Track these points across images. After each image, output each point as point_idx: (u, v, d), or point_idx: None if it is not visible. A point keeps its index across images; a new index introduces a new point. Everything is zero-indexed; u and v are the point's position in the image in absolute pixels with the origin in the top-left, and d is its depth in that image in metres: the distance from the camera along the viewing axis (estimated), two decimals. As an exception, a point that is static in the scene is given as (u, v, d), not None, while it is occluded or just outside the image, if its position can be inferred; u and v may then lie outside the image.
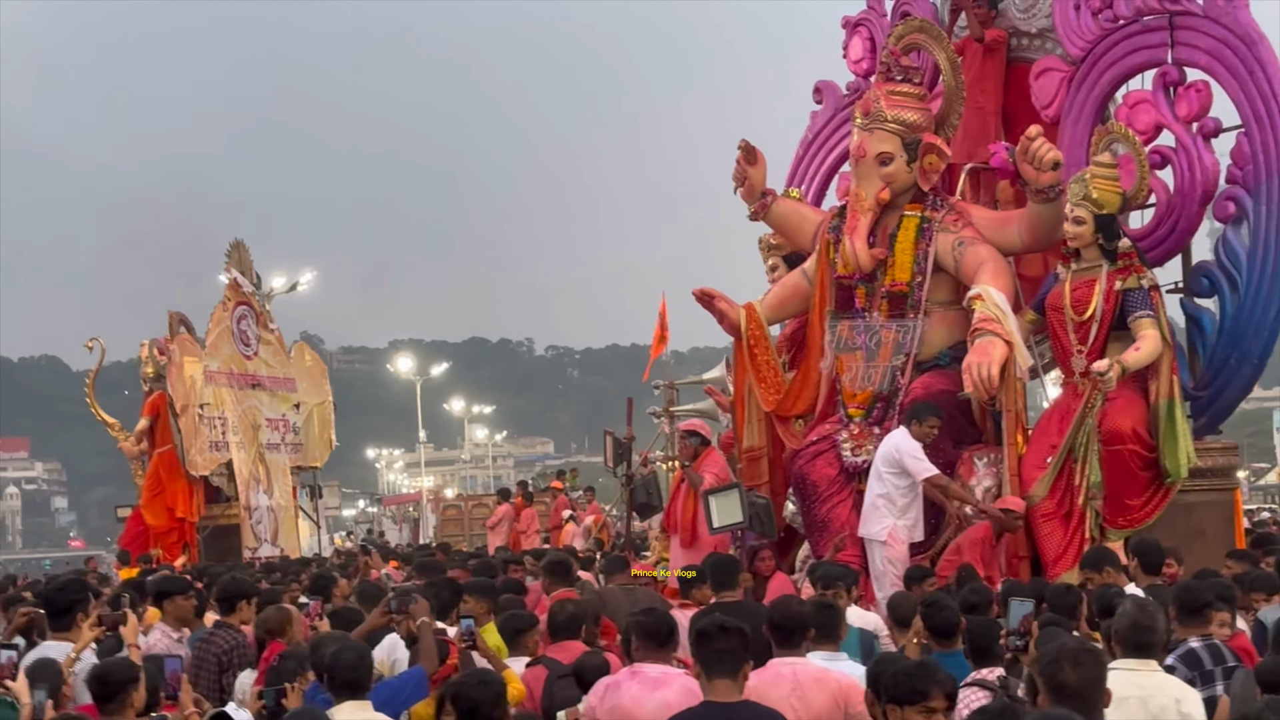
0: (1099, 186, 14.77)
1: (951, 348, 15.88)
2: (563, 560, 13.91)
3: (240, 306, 32.67)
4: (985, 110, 16.75)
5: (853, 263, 15.92)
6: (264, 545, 31.77)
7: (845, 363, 16.16)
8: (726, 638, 7.21)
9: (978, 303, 15.06)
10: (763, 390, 16.84)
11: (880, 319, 16.00)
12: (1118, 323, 14.81)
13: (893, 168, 15.92)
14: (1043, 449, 14.94)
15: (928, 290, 15.86)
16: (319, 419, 34.63)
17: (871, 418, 15.89)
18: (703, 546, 15.83)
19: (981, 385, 14.53)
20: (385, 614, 9.90)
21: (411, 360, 76.63)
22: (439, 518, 41.50)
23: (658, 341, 31.46)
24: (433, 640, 9.40)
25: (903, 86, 16.11)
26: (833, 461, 15.91)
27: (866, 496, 14.93)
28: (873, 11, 18.58)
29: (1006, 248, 15.71)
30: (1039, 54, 16.78)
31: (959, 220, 15.89)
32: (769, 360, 16.95)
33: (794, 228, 17.41)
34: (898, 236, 16.00)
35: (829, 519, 15.74)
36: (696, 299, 17.17)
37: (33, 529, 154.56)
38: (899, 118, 15.91)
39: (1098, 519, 14.71)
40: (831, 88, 19.18)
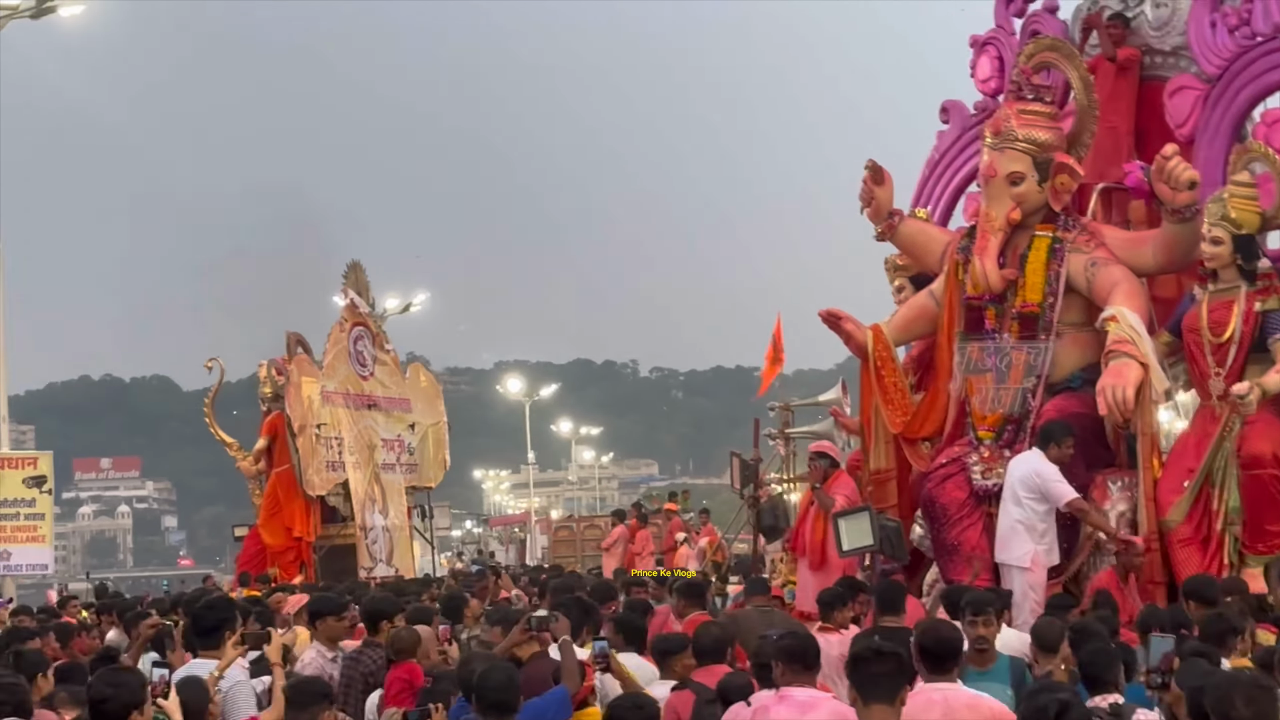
0: (1237, 206, 14.52)
1: (1083, 370, 15.65)
2: (696, 583, 13.84)
3: (357, 327, 32.81)
4: (1118, 129, 16.53)
5: (983, 284, 15.74)
6: (379, 565, 31.85)
7: (975, 385, 15.95)
8: (883, 662, 7.08)
9: (1112, 324, 14.83)
10: (890, 412, 16.66)
11: (1011, 340, 15.79)
12: (1257, 345, 14.53)
13: (1024, 187, 15.72)
14: (1179, 473, 14.68)
15: (1059, 311, 15.64)
16: (433, 439, 34.70)
17: (1002, 440, 15.67)
18: (831, 569, 15.67)
19: (1116, 408, 14.30)
20: (525, 633, 9.83)
21: (521, 381, 76.89)
22: (550, 539, 41.40)
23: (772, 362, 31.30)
24: (575, 660, 9.33)
25: (1034, 105, 15.91)
26: (962, 485, 15.70)
27: (1002, 521, 14.70)
28: (1001, 30, 18.39)
29: (1140, 268, 15.48)
30: (1173, 72, 16.55)
31: (1091, 241, 15.67)
32: (896, 382, 16.78)
33: (921, 248, 17.25)
34: (1029, 257, 15.79)
35: (959, 542, 15.53)
36: (823, 319, 17.03)
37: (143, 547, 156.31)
38: (1030, 137, 15.71)
39: (1236, 544, 14.43)
40: (958, 107, 19.01)
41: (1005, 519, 14.63)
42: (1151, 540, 14.51)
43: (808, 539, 16.00)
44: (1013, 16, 18.33)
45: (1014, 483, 14.65)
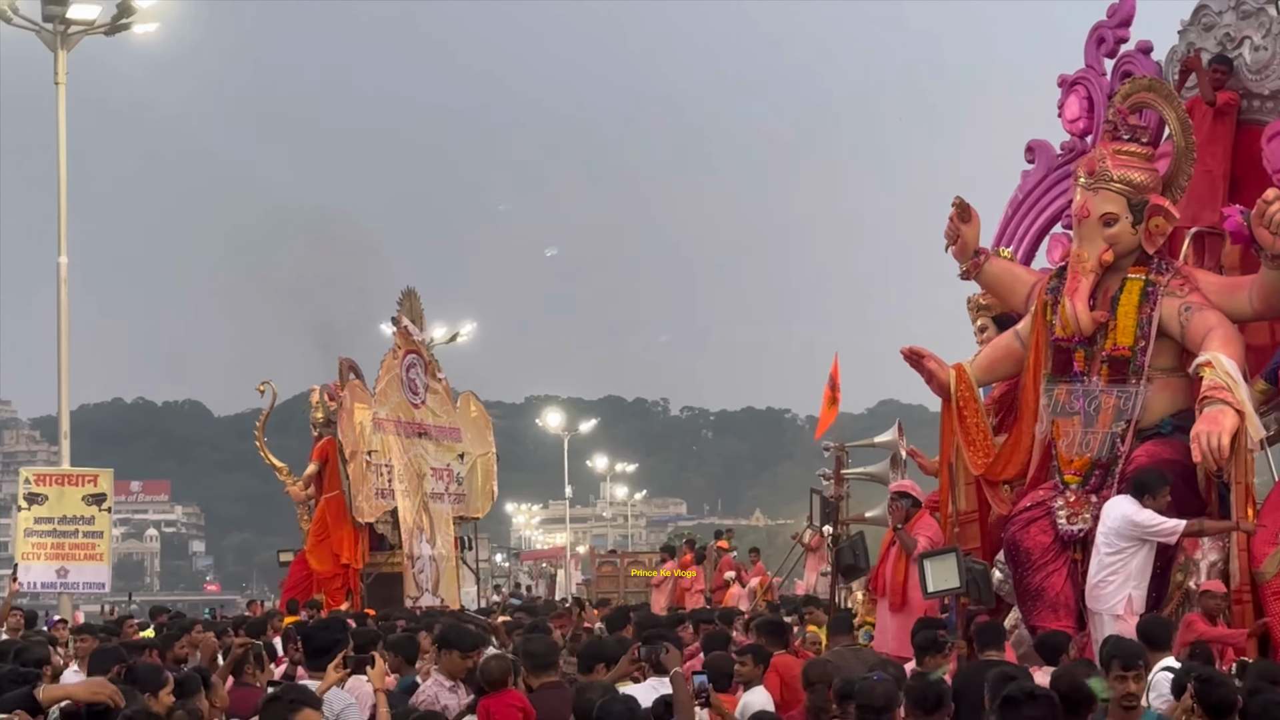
0: (1343, 253, 14.25)
1: (1174, 416, 15.37)
2: (778, 621, 13.58)
3: (410, 354, 32.66)
4: (1213, 174, 16.26)
5: (1073, 325, 15.46)
6: (425, 595, 31.65)
7: (1062, 427, 15.66)
8: (1036, 705, 6.82)
9: (1207, 370, 14.54)
10: (971, 453, 16.38)
11: (1100, 384, 15.50)
12: (1359, 395, 14.28)
13: (1117, 229, 15.46)
14: (1276, 524, 14.38)
15: (1150, 356, 15.35)
16: (482, 470, 34.51)
17: (1089, 485, 15.38)
18: (912, 611, 15.39)
19: (1210, 455, 14.01)
20: (634, 662, 9.58)
21: (560, 416, 76.77)
22: (594, 573, 41.13)
23: (829, 403, 31.05)
24: (688, 693, 9.08)
25: (1130, 146, 15.66)
26: (1047, 529, 15.41)
27: (1095, 568, 14.37)
28: (1091, 70, 18.14)
29: (1235, 314, 15.17)
30: (1271, 116, 16.28)
31: (1185, 285, 15.40)
32: (978, 423, 16.50)
33: (1007, 288, 16.98)
34: (1120, 299, 15.51)
35: (1043, 588, 15.24)
36: (905, 357, 16.77)
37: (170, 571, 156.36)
38: (1125, 178, 15.45)
39: (1338, 598, 14.14)
40: (1044, 147, 18.75)
41: (1099, 566, 14.31)
42: (1244, 592, 14.22)
43: (888, 580, 15.72)
44: (1103, 56, 18.06)
45: (1108, 529, 14.34)
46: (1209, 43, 16.85)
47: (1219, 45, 16.77)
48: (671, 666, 9.30)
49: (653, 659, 9.45)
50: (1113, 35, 17.99)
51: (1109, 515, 14.44)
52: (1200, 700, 9.27)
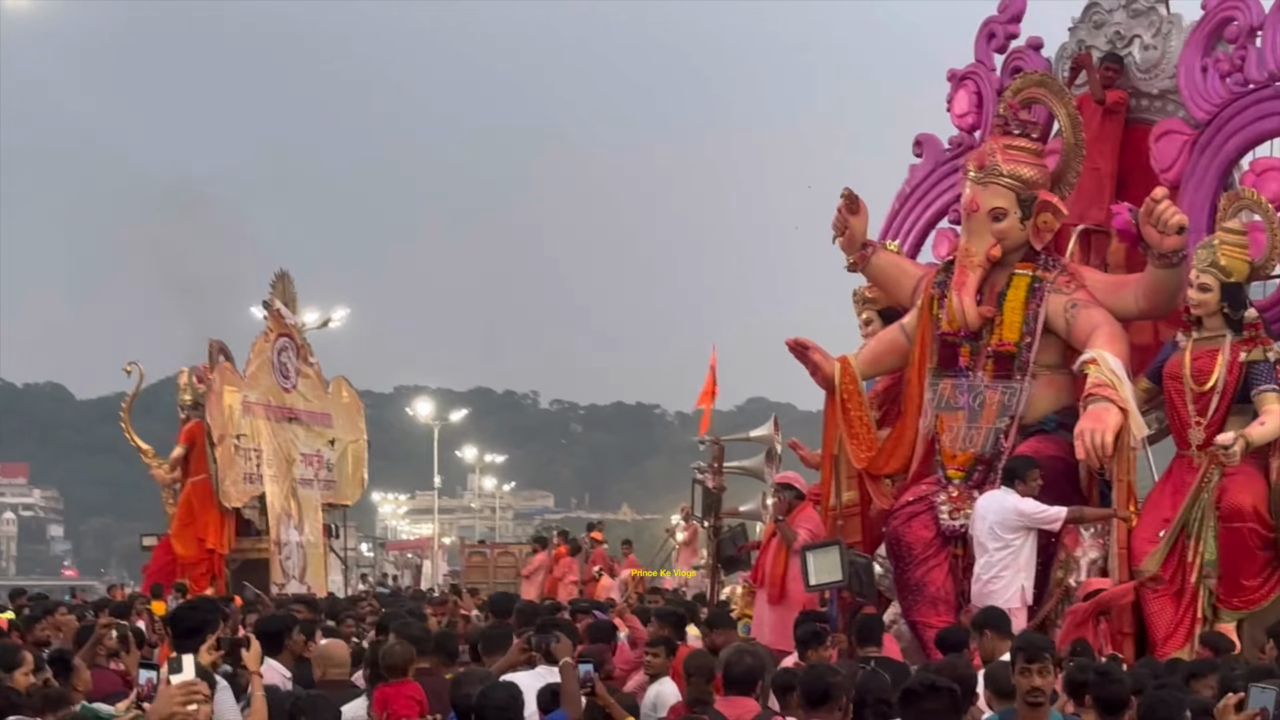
0: (1228, 253, 14.29)
1: (1057, 412, 15.37)
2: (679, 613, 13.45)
3: (282, 338, 32.21)
4: (1101, 172, 16.25)
5: (959, 319, 15.38)
6: (292, 582, 31.23)
7: (946, 422, 15.60)
8: (938, 697, 6.65)
9: (1092, 367, 14.52)
10: (855, 447, 16.27)
11: (985, 379, 15.45)
12: (1239, 395, 14.28)
13: (1006, 224, 15.40)
14: (1155, 523, 14.39)
15: (1035, 352, 15.32)
16: (353, 457, 34.13)
17: (972, 480, 15.33)
18: (791, 604, 15.21)
19: (1094, 452, 13.97)
20: (524, 651, 9.33)
21: (430, 405, 76.28)
22: (464, 564, 40.80)
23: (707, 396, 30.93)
24: (576, 683, 8.84)
25: (1020, 141, 15.62)
26: (929, 524, 15.34)
27: (983, 565, 14.26)
28: (981, 66, 18.08)
29: (1121, 313, 15.17)
30: (1159, 116, 16.31)
31: (1072, 282, 15.38)
32: (862, 416, 16.40)
33: (894, 281, 16.89)
34: (1007, 295, 15.47)
35: (924, 582, 15.17)
36: (790, 349, 16.62)
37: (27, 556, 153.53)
38: (1015, 173, 15.40)
39: (1211, 598, 14.16)
40: (932, 141, 18.68)
41: (989, 562, 14.21)
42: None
43: (768, 572, 15.54)
44: (994, 52, 18.01)
45: (991, 524, 14.26)
46: (1099, 40, 16.84)
47: (1109, 43, 16.77)
48: (562, 656, 9.06)
49: (544, 647, 9.21)
50: (1003, 31, 17.95)
51: (989, 510, 14.36)
52: (1097, 696, 9.17)
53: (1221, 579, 14.08)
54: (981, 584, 14.18)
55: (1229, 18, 15.69)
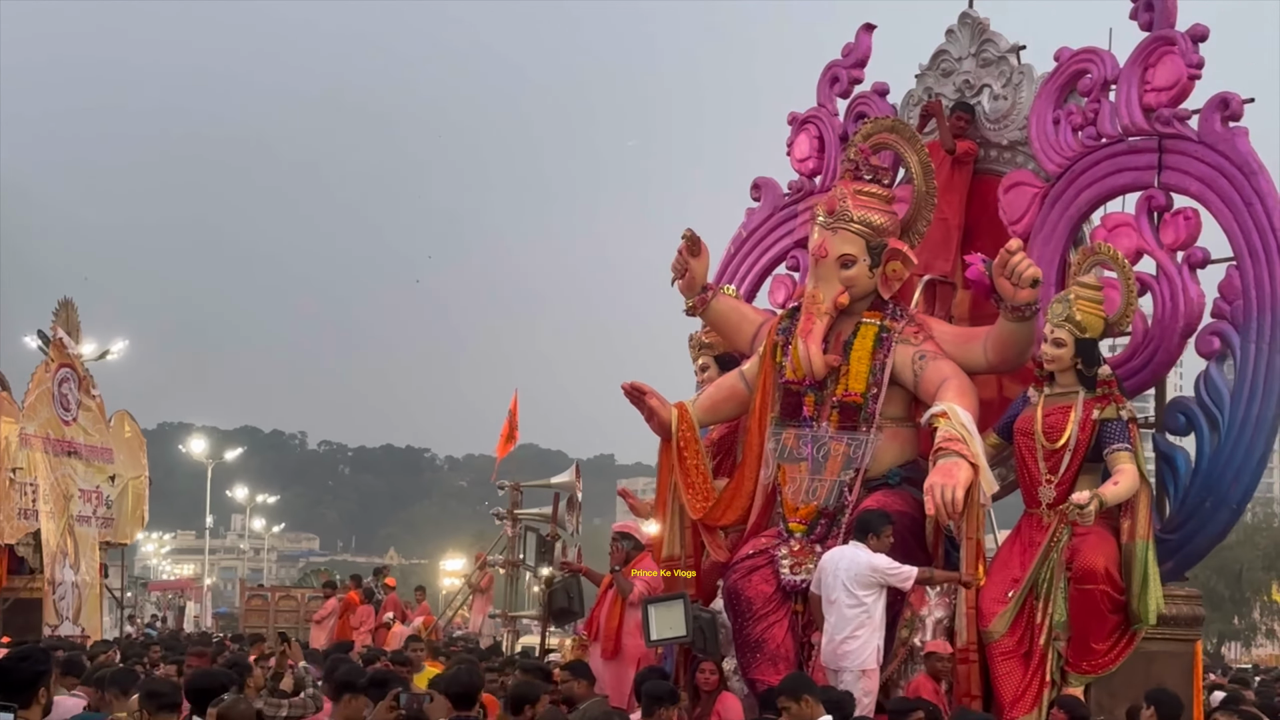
0: (1083, 309, 14.03)
1: (902, 466, 14.95)
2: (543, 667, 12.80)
3: (63, 369, 30.86)
4: (948, 222, 15.93)
5: (805, 367, 14.90)
6: (65, 623, 29.87)
7: (789, 473, 15.08)
8: None
9: (942, 420, 14.10)
10: (690, 497, 15.66)
11: (829, 430, 14.97)
12: (1091, 454, 14.02)
13: (854, 271, 14.97)
14: (1003, 582, 14.04)
15: (882, 403, 14.89)
16: (133, 494, 32.89)
17: (814, 534, 14.82)
18: (626, 659, 14.60)
19: (944, 508, 13.55)
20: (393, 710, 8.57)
21: (204, 443, 74.52)
22: (243, 607, 39.52)
23: (505, 440, 30.26)
24: None
25: (870, 187, 15.20)
26: (769, 578, 14.80)
27: (836, 623, 13.68)
28: (823, 109, 17.72)
29: (970, 366, 14.78)
30: (1008, 167, 16.06)
31: (920, 333, 14.98)
32: (699, 465, 15.80)
33: (733, 327, 16.39)
34: (854, 344, 15.03)
35: (764, 639, 14.61)
36: (626, 394, 15.97)
37: None
38: (865, 219, 14.99)
39: (1060, 661, 13.84)
40: (771, 185, 18.25)
41: (840, 621, 13.66)
42: (970, 652, 13.82)
43: (603, 625, 14.88)
44: (836, 96, 17.67)
45: (844, 580, 13.72)
46: (947, 89, 16.58)
47: (958, 92, 16.51)
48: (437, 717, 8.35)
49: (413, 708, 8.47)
50: (847, 75, 17.62)
51: (840, 564, 13.83)
52: None
53: (1071, 641, 13.78)
54: (835, 644, 13.62)
55: (1082, 70, 15.50)
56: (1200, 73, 14.82)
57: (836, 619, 13.61)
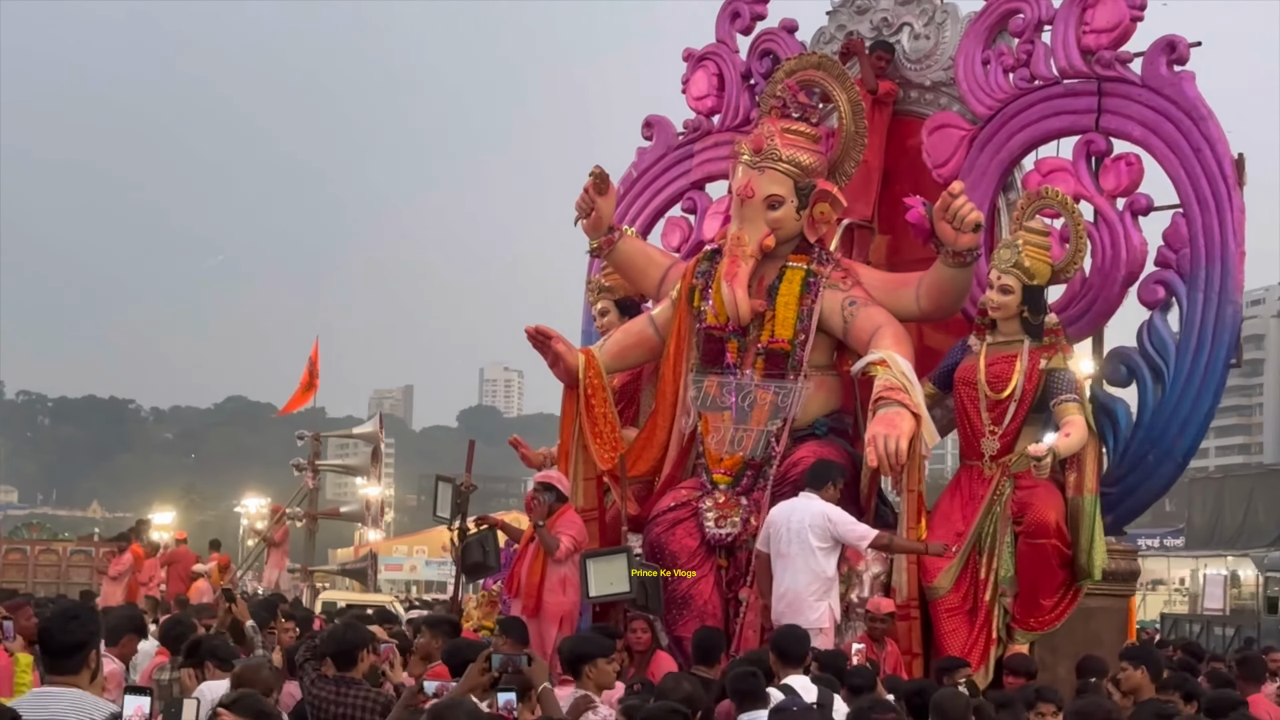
0: (1032, 255, 13.60)
1: (828, 416, 14.40)
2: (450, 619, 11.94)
3: None
4: (869, 165, 15.30)
5: (730, 312, 14.20)
6: None
7: (711, 423, 14.40)
8: None
9: (881, 369, 13.58)
10: (599, 447, 14.88)
11: (755, 378, 14.31)
12: (1036, 405, 13.61)
13: (781, 213, 14.32)
14: (947, 537, 13.58)
15: (809, 351, 14.28)
16: None
17: (739, 486, 14.17)
18: (547, 616, 13.72)
19: (887, 460, 13.01)
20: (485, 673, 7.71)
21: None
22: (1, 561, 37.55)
23: (305, 389, 29.16)
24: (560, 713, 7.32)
25: (798, 125, 14.57)
26: (693, 532, 14.15)
27: (790, 578, 13.00)
28: (723, 46, 16.98)
29: (900, 313, 14.24)
30: (931, 109, 15.56)
31: (847, 278, 14.41)
32: (607, 414, 15.02)
33: (639, 270, 15.64)
34: (780, 289, 14.38)
35: (690, 595, 13.96)
36: (530, 338, 15.12)
37: None
38: (794, 159, 14.35)
39: (1006, 617, 13.43)
40: (664, 123, 17.47)
41: (793, 575, 12.98)
42: (911, 608, 13.33)
43: (524, 581, 14.00)
44: (737, 33, 16.95)
45: (802, 532, 13.02)
46: (863, 27, 16.03)
47: (874, 30, 15.97)
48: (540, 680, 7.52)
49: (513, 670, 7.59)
50: (749, 10, 16.94)
51: (793, 517, 13.15)
52: None
53: (1019, 597, 13.41)
54: (790, 600, 12.95)
55: (1014, 10, 15.06)
56: (1143, 14, 14.50)
57: (791, 575, 12.95)
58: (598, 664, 10.21)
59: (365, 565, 29.06)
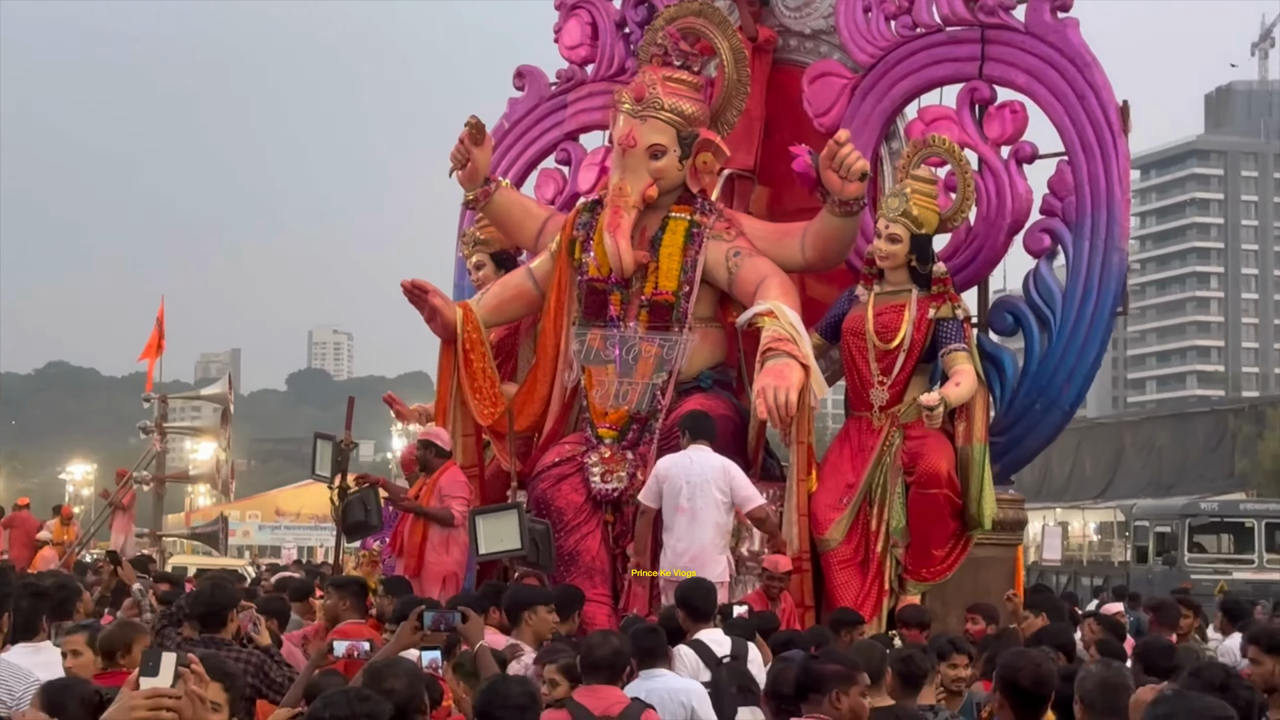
0: (920, 203, 13.51)
1: (713, 369, 14.23)
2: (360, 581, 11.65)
3: None
4: (749, 114, 15.06)
5: (614, 263, 13.93)
6: None
7: (596, 377, 14.16)
8: None
9: (769, 320, 13.42)
10: (478, 402, 14.58)
11: (639, 330, 14.08)
12: (925, 355, 13.53)
13: (664, 162, 14.07)
14: (837, 488, 13.50)
15: (694, 302, 14.08)
16: None
17: (625, 441, 13.95)
18: (429, 576, 13.45)
19: (777, 412, 12.85)
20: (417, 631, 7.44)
21: None
22: None
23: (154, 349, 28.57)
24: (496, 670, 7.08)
25: (680, 73, 14.32)
26: (579, 487, 13.90)
27: (699, 531, 12.76)
28: (597, -8, 16.66)
29: (785, 263, 14.08)
30: (811, 57, 15.37)
31: (731, 229, 14.22)
32: (485, 369, 14.71)
33: (516, 222, 15.31)
34: (663, 240, 14.16)
35: (578, 551, 13.71)
36: (405, 292, 14.73)
37: None
38: (676, 107, 14.11)
39: (898, 568, 13.38)
40: (536, 74, 17.12)
41: (700, 529, 12.75)
42: (803, 560, 13.20)
43: (406, 541, 13.69)
44: (610, -21, 16.65)
45: (706, 485, 12.78)
46: (737, -26, 15.74)
47: (752, -23, 15.70)
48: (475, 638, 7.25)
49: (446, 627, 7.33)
50: (622, -43, 16.61)
51: (694, 470, 12.90)
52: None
53: (911, 548, 13.39)
54: (689, 556, 12.73)
55: (895, -44, 14.89)
56: (1025, -39, 14.38)
57: (698, 528, 12.72)
58: (538, 611, 10.11)
59: (216, 529, 28.52)
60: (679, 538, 12.81)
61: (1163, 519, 37.14)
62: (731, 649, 9.93)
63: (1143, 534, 37.36)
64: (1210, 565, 34.70)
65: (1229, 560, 35.58)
